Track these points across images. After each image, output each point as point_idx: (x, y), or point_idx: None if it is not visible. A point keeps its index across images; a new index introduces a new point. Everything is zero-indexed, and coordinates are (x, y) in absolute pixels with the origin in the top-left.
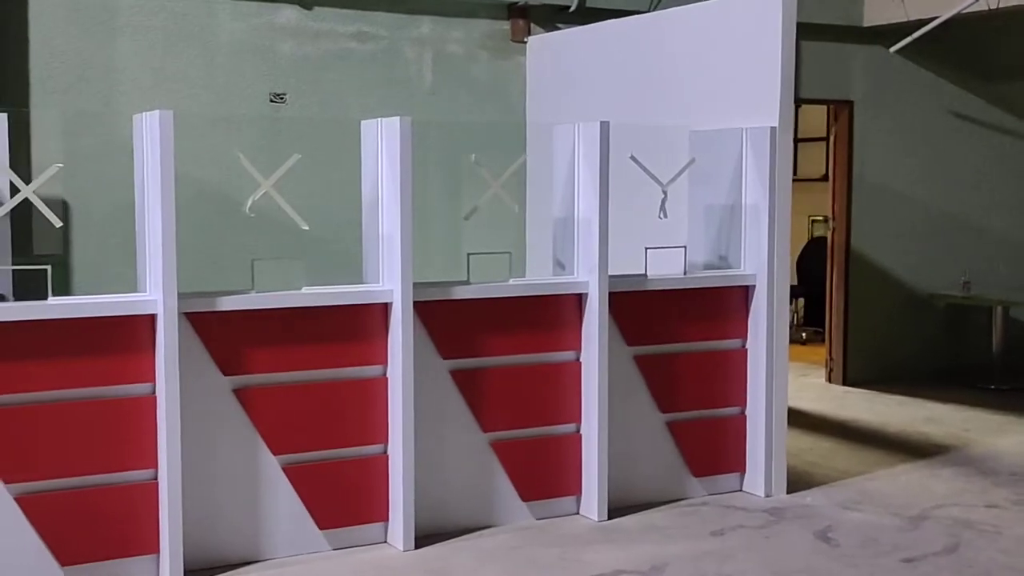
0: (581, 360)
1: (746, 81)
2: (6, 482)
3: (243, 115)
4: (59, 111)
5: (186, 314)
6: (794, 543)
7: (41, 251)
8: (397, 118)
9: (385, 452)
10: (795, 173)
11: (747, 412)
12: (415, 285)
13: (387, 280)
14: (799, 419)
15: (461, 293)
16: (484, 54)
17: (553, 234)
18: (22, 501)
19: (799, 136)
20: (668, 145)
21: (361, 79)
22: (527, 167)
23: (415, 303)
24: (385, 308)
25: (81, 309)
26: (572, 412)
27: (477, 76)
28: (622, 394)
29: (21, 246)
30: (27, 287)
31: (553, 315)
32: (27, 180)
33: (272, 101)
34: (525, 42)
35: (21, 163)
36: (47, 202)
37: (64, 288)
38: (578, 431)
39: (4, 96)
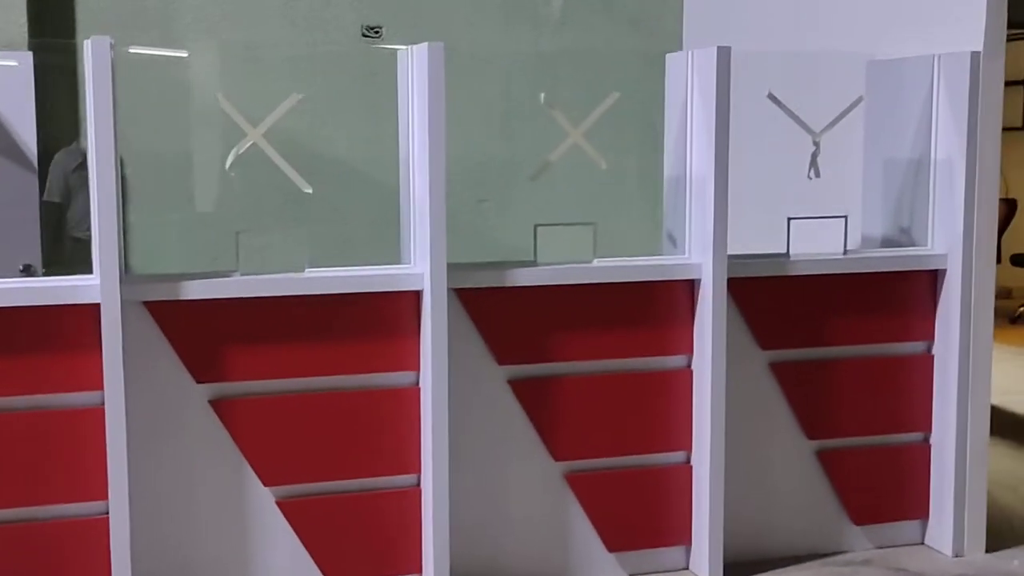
0: (692, 367)
1: None
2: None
3: (326, 52)
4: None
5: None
6: None
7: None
8: (426, 44)
9: (688, 462)
10: None
11: (932, 440)
12: (452, 268)
13: (418, 261)
14: (1016, 430)
15: (518, 279)
16: None
17: (665, 199)
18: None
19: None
20: (842, 80)
21: (474, 7)
22: None
23: (456, 291)
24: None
25: None
26: (679, 435)
27: (620, 1)
28: (751, 413)
29: None
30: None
31: (655, 308)
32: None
33: (365, 36)
34: None
35: (64, 112)
36: None
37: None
38: (688, 461)
39: (47, 34)
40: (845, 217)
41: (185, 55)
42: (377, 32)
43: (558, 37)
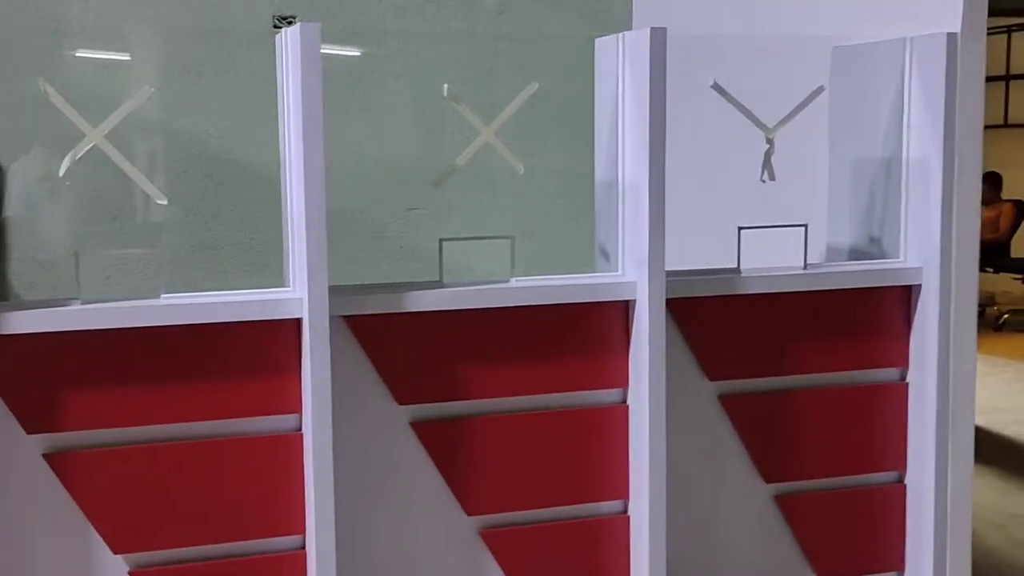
0: (628, 402)
1: None
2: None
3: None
4: None
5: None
6: None
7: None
8: (299, 24)
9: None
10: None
11: (907, 480)
12: (336, 291)
13: (298, 285)
14: (1004, 456)
15: (419, 303)
16: None
17: (596, 207)
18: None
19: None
20: (805, 69)
21: None
22: None
23: (345, 319)
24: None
25: None
26: (614, 481)
27: None
28: (698, 453)
29: None
30: None
31: (583, 335)
32: None
33: (276, 27)
34: None
35: None
36: None
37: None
38: (625, 510)
39: None
40: (805, 226)
41: (128, 58)
42: (290, 22)
43: (495, 27)
